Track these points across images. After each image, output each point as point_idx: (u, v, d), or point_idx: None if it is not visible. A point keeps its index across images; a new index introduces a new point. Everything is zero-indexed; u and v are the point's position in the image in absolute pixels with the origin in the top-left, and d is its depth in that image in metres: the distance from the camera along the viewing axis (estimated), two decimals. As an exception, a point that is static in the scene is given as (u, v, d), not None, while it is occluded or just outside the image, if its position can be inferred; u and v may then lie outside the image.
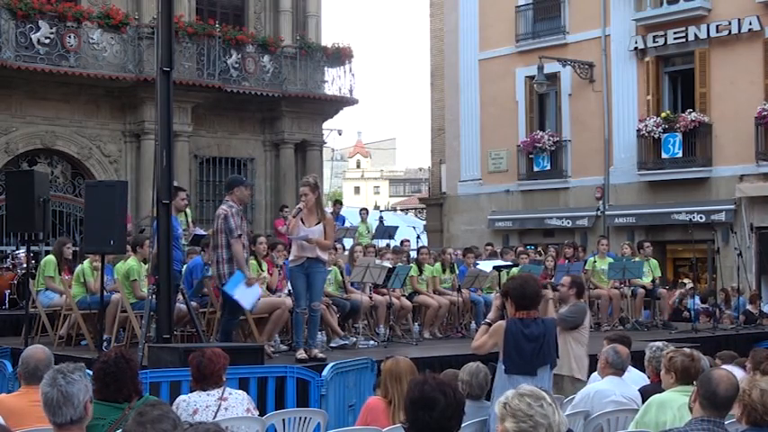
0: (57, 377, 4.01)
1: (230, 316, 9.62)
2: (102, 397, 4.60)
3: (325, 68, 24.24)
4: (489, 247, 17.21)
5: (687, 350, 6.05)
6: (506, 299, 6.42)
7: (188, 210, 12.38)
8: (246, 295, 9.37)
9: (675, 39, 21.84)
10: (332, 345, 11.23)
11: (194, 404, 5.59)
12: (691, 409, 4.80)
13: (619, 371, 6.93)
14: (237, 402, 5.79)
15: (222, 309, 9.83)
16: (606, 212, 22.96)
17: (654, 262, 15.67)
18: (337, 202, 19.21)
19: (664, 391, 5.92)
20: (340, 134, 28.95)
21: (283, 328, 10.82)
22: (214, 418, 5.49)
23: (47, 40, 19.88)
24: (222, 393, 5.73)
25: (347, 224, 17.80)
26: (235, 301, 9.33)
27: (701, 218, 20.45)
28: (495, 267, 13.37)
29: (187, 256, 11.63)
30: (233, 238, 9.35)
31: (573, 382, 8.25)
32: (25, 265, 12.29)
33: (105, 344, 10.03)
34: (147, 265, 10.28)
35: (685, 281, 20.27)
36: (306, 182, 9.74)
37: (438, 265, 13.93)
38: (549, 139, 24.08)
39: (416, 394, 3.86)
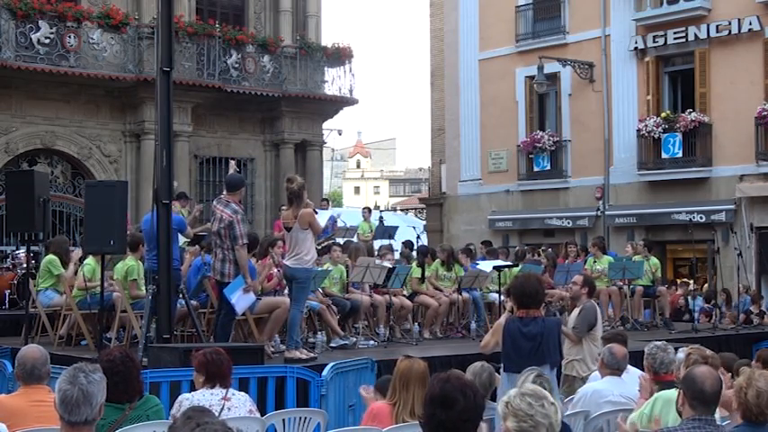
0: (78, 375, 3.95)
1: (228, 316, 9.65)
2: (106, 397, 4.57)
3: (325, 68, 24.25)
4: (483, 246, 17.13)
5: (708, 352, 6.07)
6: (509, 297, 6.45)
7: (184, 210, 12.42)
8: (241, 301, 9.53)
9: (675, 39, 21.83)
10: (332, 345, 11.23)
11: (197, 402, 5.58)
12: (680, 413, 4.80)
13: (616, 371, 6.93)
14: (240, 403, 5.80)
15: (219, 309, 9.86)
16: (606, 212, 22.95)
17: (655, 261, 15.64)
18: (324, 201, 19.97)
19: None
20: (340, 134, 29.02)
21: (283, 328, 10.81)
22: (218, 417, 5.47)
23: (47, 40, 19.88)
24: (226, 393, 5.74)
25: (340, 223, 17.74)
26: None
27: (701, 218, 20.45)
28: (495, 267, 13.36)
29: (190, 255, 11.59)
30: (237, 246, 9.41)
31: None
32: (25, 265, 12.28)
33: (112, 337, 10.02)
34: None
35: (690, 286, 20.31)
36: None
37: (438, 261, 13.89)
38: (549, 139, 24.07)
39: (437, 391, 3.81)
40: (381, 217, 23.15)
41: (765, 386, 4.55)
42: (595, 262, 15.26)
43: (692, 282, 21.58)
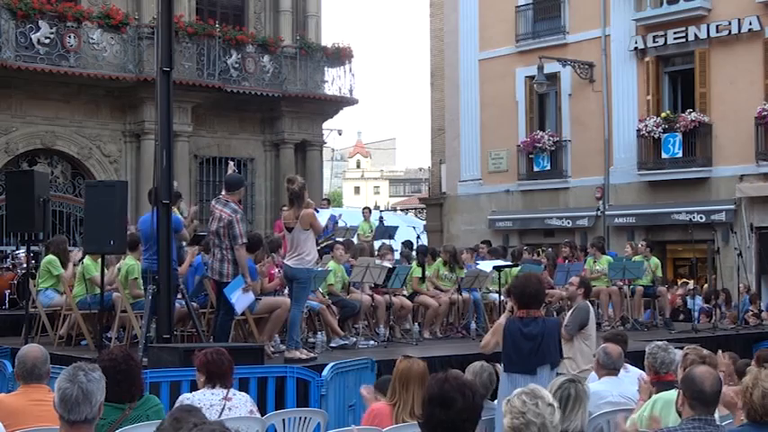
0: (77, 374, 3.95)
1: (227, 316, 9.65)
2: (106, 396, 4.56)
3: (325, 68, 24.27)
4: (483, 246, 17.14)
5: (705, 352, 6.07)
6: (509, 297, 6.44)
7: (182, 209, 12.42)
8: (241, 300, 9.52)
9: (675, 39, 21.83)
10: (332, 345, 11.22)
11: (198, 402, 5.57)
12: (679, 413, 4.80)
13: (612, 371, 6.93)
14: (241, 403, 5.80)
15: (218, 308, 9.85)
16: (606, 212, 22.95)
17: (655, 261, 15.64)
18: (324, 201, 20.26)
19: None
20: (340, 134, 29.08)
21: (283, 328, 10.80)
22: (219, 417, 5.49)
23: (47, 40, 19.89)
24: (227, 393, 5.74)
25: (341, 223, 17.74)
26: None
27: (701, 218, 20.45)
28: (495, 267, 13.36)
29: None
30: (237, 245, 9.41)
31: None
32: (25, 265, 12.27)
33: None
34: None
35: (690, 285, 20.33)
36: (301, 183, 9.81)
37: (440, 260, 13.89)
38: (549, 139, 24.08)
39: (435, 391, 3.81)
40: (381, 217, 23.15)
41: None
42: (595, 262, 15.27)
43: (691, 282, 21.57)
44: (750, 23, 20.68)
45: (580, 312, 8.91)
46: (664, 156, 21.90)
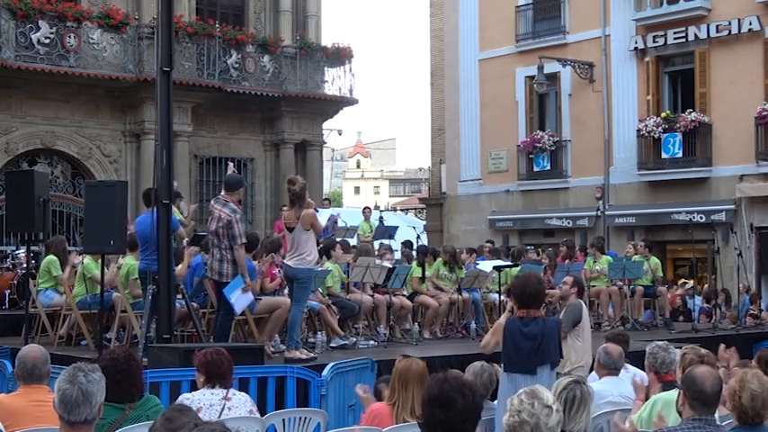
0: (77, 375, 3.95)
1: (227, 316, 9.65)
2: (107, 396, 4.56)
3: (325, 68, 24.29)
4: (488, 245, 17.15)
5: (703, 351, 6.07)
6: (509, 297, 6.45)
7: (182, 204, 12.41)
8: (240, 300, 9.52)
9: (675, 39, 21.84)
10: (332, 345, 11.22)
11: (198, 402, 5.58)
12: (680, 413, 4.80)
13: (613, 371, 6.93)
14: (241, 403, 5.80)
15: (218, 308, 9.85)
16: (606, 212, 22.95)
17: (655, 261, 15.64)
18: (325, 200, 20.55)
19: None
20: (340, 134, 29.07)
21: (283, 328, 10.80)
22: (219, 417, 5.49)
23: (47, 40, 19.90)
24: (227, 393, 5.73)
25: (341, 223, 17.71)
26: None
27: (701, 218, 20.45)
28: (495, 267, 13.36)
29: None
30: (236, 245, 9.41)
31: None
32: (25, 265, 12.27)
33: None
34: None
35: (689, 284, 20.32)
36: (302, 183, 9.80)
37: (440, 260, 13.89)
38: (549, 139, 24.08)
39: (435, 392, 3.81)
40: (381, 217, 23.11)
41: (759, 388, 4.53)
42: (595, 262, 15.27)
43: (691, 282, 21.57)
44: (750, 23, 20.68)
45: (573, 310, 8.95)
46: (664, 156, 21.90)
